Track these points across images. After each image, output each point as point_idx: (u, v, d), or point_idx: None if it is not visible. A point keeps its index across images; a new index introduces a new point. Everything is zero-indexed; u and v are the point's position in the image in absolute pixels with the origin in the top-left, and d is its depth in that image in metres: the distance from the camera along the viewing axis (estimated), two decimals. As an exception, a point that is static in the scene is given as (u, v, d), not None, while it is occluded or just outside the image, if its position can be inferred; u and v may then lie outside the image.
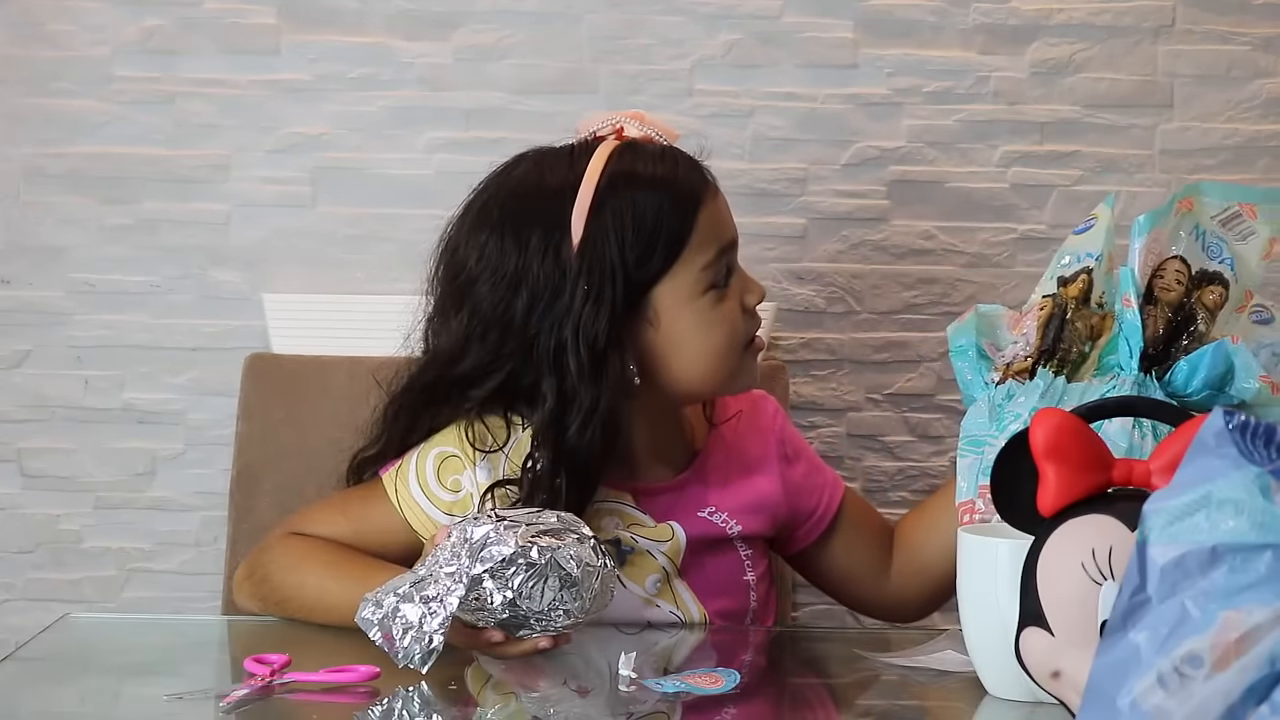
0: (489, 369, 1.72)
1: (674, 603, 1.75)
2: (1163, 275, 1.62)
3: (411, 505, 1.75)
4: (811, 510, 1.82)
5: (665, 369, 1.72)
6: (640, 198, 1.69)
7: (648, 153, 1.72)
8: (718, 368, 1.72)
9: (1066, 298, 1.62)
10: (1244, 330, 1.63)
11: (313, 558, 1.73)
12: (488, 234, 1.72)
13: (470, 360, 1.72)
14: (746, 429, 1.82)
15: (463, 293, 1.73)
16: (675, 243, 1.70)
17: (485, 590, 1.49)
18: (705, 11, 2.23)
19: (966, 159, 2.25)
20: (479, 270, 1.72)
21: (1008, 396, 1.60)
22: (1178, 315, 1.61)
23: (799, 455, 1.83)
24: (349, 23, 2.22)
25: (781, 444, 1.82)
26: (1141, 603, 0.96)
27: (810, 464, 1.84)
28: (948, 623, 1.86)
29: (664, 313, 1.71)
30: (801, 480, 1.82)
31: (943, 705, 1.46)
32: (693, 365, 1.72)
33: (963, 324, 1.67)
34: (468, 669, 1.58)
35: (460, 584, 1.48)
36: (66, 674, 1.52)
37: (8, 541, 2.25)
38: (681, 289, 1.70)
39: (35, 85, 2.21)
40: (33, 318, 2.23)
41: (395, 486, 1.76)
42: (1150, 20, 2.25)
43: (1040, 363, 1.60)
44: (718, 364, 1.72)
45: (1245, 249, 1.64)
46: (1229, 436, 0.97)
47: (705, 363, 1.72)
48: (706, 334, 1.71)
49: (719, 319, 1.71)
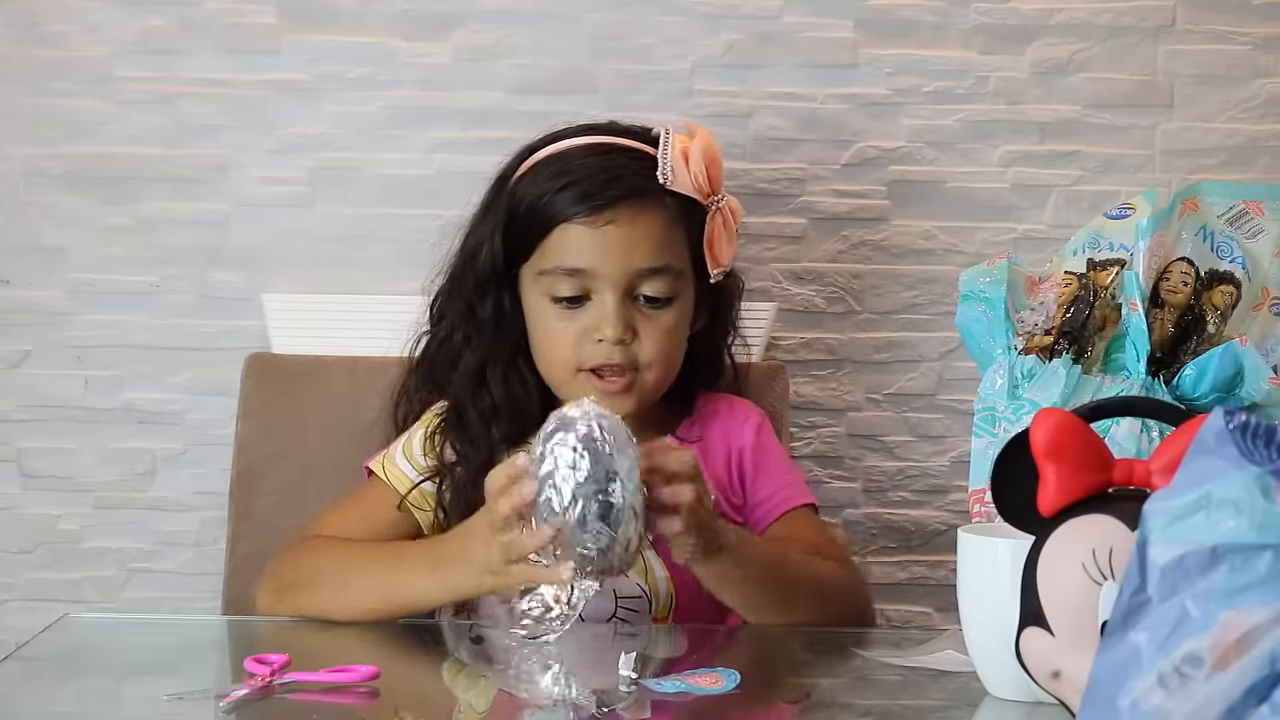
0: (452, 341, 1.88)
1: (643, 575, 1.78)
2: (1168, 278, 1.62)
3: (398, 476, 1.83)
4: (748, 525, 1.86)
5: (532, 349, 1.85)
6: (533, 183, 1.83)
7: (575, 164, 1.82)
8: (549, 373, 1.84)
9: (1097, 284, 1.61)
10: (1264, 325, 1.62)
11: (342, 552, 1.77)
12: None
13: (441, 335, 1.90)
14: (717, 435, 1.89)
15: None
16: (531, 236, 1.82)
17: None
18: (705, 11, 2.23)
19: (966, 159, 2.25)
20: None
21: (1027, 375, 1.59)
22: (1185, 317, 1.61)
23: (756, 472, 1.88)
24: (349, 23, 2.22)
25: (740, 461, 1.89)
26: (1142, 603, 0.96)
27: (769, 480, 1.88)
28: (948, 623, 1.86)
29: (524, 295, 1.84)
30: (749, 499, 1.87)
31: (943, 705, 1.46)
32: (538, 358, 1.85)
33: (992, 274, 1.64)
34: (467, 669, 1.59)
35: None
36: (66, 674, 1.52)
37: (8, 541, 2.25)
38: (529, 282, 1.83)
39: (35, 85, 2.21)
40: (33, 318, 2.23)
41: (384, 466, 1.85)
42: (1150, 20, 2.25)
43: (1060, 344, 1.59)
44: (548, 370, 1.84)
45: (1256, 246, 1.63)
46: (1229, 437, 0.97)
47: (541, 362, 1.84)
48: (541, 338, 1.83)
49: (553, 332, 1.82)
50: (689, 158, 1.81)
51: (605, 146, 1.84)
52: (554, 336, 1.82)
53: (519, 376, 1.85)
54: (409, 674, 1.58)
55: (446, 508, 1.81)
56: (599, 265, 1.80)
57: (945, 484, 2.27)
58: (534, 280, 1.83)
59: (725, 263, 1.85)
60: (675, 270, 1.82)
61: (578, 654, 1.59)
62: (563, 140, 1.86)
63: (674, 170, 1.80)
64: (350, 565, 1.73)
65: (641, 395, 1.82)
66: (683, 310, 1.84)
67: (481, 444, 1.82)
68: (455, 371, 1.87)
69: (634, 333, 1.81)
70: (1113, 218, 1.64)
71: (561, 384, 1.83)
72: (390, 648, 1.66)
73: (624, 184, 1.80)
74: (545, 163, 1.84)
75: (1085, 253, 1.64)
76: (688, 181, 1.81)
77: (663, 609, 1.78)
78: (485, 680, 1.57)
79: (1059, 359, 1.59)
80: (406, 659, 1.66)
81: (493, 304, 1.85)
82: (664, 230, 1.82)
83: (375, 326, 1.98)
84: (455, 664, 1.65)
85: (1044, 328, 1.61)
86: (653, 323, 1.82)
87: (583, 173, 1.81)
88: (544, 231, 1.81)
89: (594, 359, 1.80)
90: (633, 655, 1.45)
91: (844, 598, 1.78)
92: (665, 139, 1.83)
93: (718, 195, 1.84)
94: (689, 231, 1.83)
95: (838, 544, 1.90)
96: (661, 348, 1.82)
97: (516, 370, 1.85)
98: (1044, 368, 1.59)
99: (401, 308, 1.97)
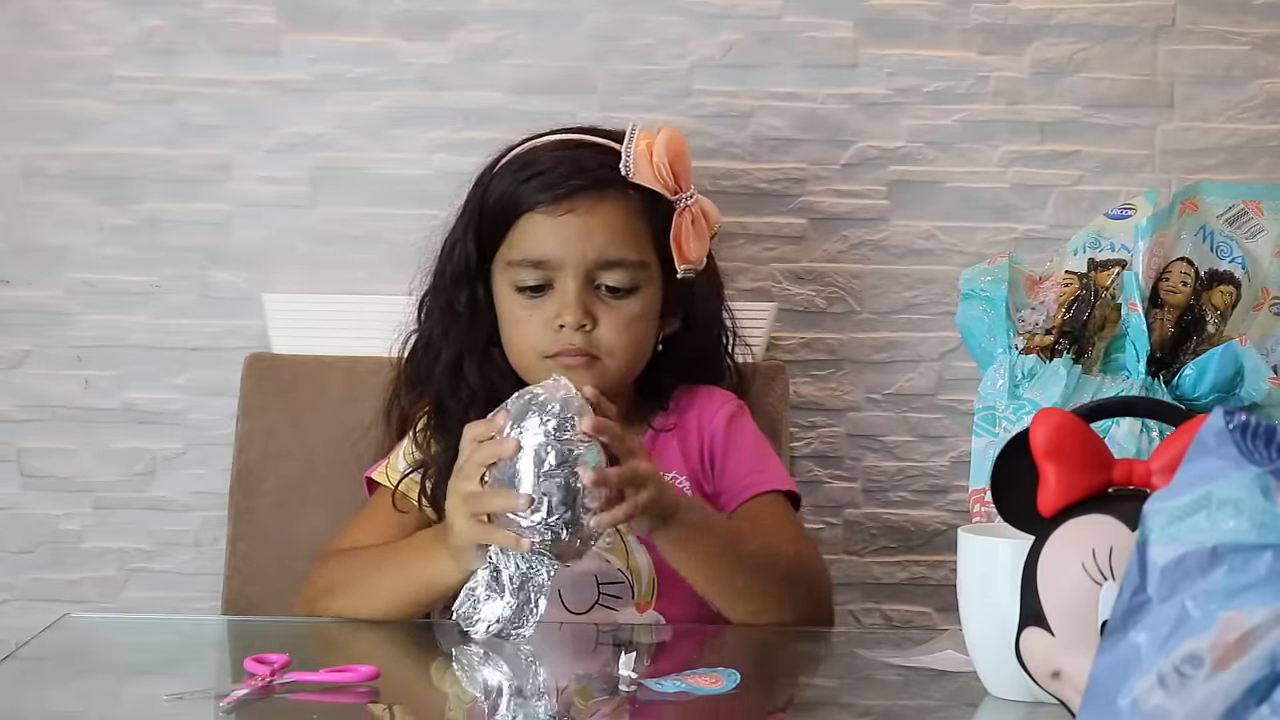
0: (434, 339, 1.91)
1: (624, 559, 1.79)
2: (1168, 278, 1.62)
3: (399, 476, 1.85)
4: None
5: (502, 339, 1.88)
6: (502, 178, 1.86)
7: (541, 156, 1.86)
8: (518, 362, 1.86)
9: (1098, 284, 1.61)
10: (1264, 325, 1.62)
11: (371, 554, 1.78)
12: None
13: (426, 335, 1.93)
14: (692, 423, 1.91)
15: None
16: (498, 228, 1.86)
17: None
18: (705, 11, 2.23)
19: (966, 159, 2.25)
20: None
21: (1028, 375, 1.59)
22: (1185, 317, 1.61)
23: (725, 458, 1.89)
24: (349, 23, 2.22)
25: (711, 447, 1.90)
26: (1142, 603, 0.96)
27: (736, 465, 1.89)
28: (948, 623, 1.86)
29: (495, 287, 1.87)
30: (716, 484, 1.88)
31: (943, 705, 1.46)
32: (507, 346, 1.87)
33: (993, 273, 1.64)
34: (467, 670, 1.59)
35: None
36: (66, 674, 1.52)
37: (8, 541, 2.25)
38: (499, 274, 1.87)
39: (35, 85, 2.21)
40: (33, 318, 2.23)
41: (387, 474, 1.87)
42: (1150, 20, 2.25)
43: (1060, 344, 1.59)
44: (516, 359, 1.86)
45: (1256, 246, 1.63)
46: (1229, 437, 0.97)
47: (510, 351, 1.87)
48: (508, 326, 1.86)
49: (519, 320, 1.84)
50: (652, 151, 1.83)
51: (572, 142, 1.88)
52: (520, 325, 1.85)
53: (495, 367, 1.88)
54: (409, 674, 1.58)
55: (430, 499, 1.82)
56: (559, 253, 1.82)
57: (945, 484, 2.27)
58: (502, 271, 1.86)
59: (694, 260, 1.86)
60: (635, 262, 1.84)
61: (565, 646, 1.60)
62: (536, 139, 1.90)
63: (636, 162, 1.83)
64: (381, 561, 1.75)
65: (603, 378, 1.82)
66: (646, 302, 1.86)
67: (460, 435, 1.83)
68: (437, 367, 1.90)
69: (594, 320, 1.83)
70: (1114, 218, 1.64)
71: (529, 371, 1.85)
72: (390, 648, 1.66)
73: (586, 175, 1.84)
74: (515, 159, 1.89)
75: (1086, 252, 1.64)
76: (649, 173, 1.83)
77: (645, 594, 1.78)
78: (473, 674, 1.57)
79: (1059, 359, 1.59)
80: (406, 659, 1.66)
81: (467, 297, 1.89)
82: (625, 221, 1.84)
83: (375, 326, 1.98)
84: (444, 660, 1.65)
85: (1044, 327, 1.61)
86: (614, 311, 1.84)
87: (548, 164, 1.85)
88: (510, 222, 1.85)
89: (555, 345, 1.83)
90: (633, 655, 1.45)
91: (802, 586, 1.77)
92: (630, 133, 1.86)
93: (686, 192, 1.85)
94: (654, 225, 1.85)
95: (803, 534, 1.89)
96: (622, 337, 1.84)
97: (492, 361, 1.88)
98: (1044, 367, 1.59)
99: (402, 308, 1.97)
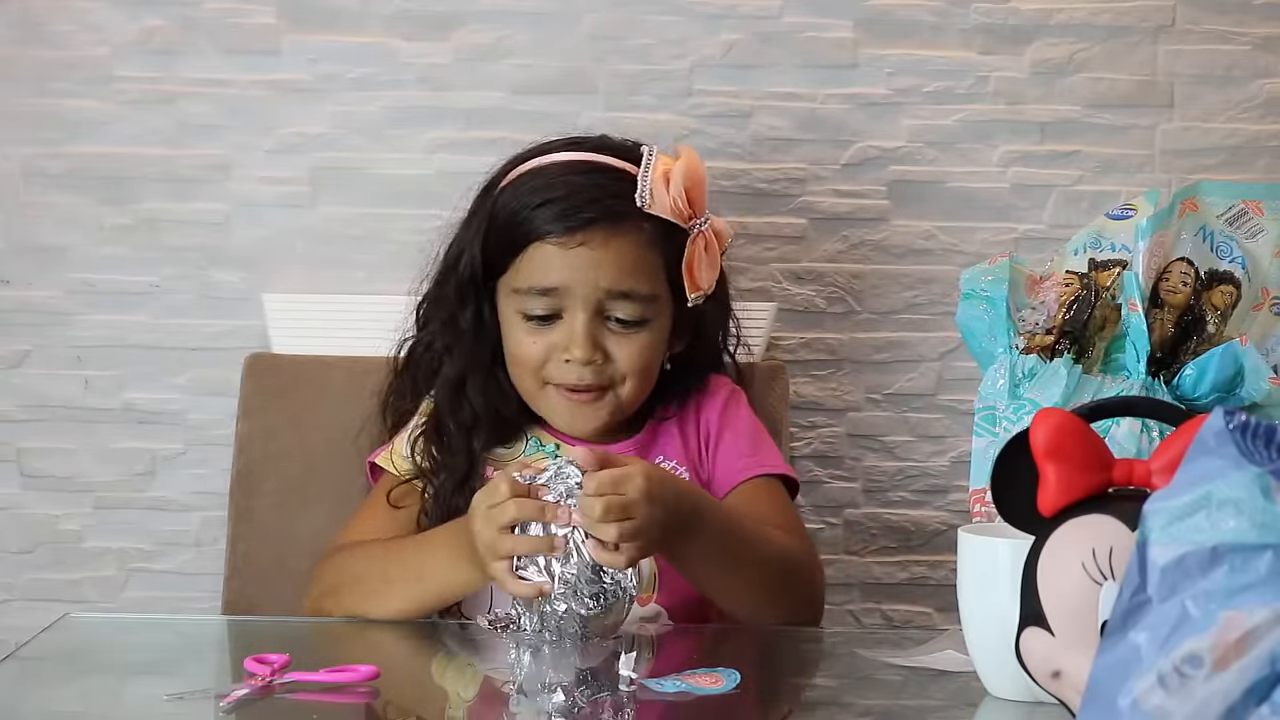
0: (434, 347, 1.90)
1: None
2: (1168, 278, 1.61)
3: (407, 469, 1.85)
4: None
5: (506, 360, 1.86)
6: (514, 196, 1.83)
7: (555, 180, 1.82)
8: (520, 386, 1.85)
9: (1099, 284, 1.61)
10: (1264, 325, 1.62)
11: (379, 552, 1.77)
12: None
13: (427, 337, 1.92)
14: (690, 412, 1.91)
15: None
16: (507, 251, 1.83)
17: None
18: (705, 11, 2.23)
19: (966, 159, 2.25)
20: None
21: (1028, 374, 1.59)
22: (1185, 317, 1.61)
23: (718, 443, 1.88)
24: (349, 23, 2.22)
25: (707, 434, 1.89)
26: (1142, 603, 0.96)
27: (729, 449, 1.88)
28: (948, 623, 1.86)
29: (500, 308, 1.85)
30: (710, 469, 1.88)
31: (943, 705, 1.46)
32: (512, 371, 1.85)
33: (993, 273, 1.64)
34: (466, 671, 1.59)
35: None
36: (66, 674, 1.52)
37: (8, 541, 2.25)
38: (505, 297, 1.84)
39: (35, 85, 2.21)
40: (33, 318, 2.23)
41: (391, 460, 1.86)
42: (1150, 20, 2.25)
43: (1061, 343, 1.59)
44: (519, 382, 1.85)
45: (1256, 246, 1.63)
46: (1229, 437, 0.97)
47: (513, 374, 1.85)
48: (512, 350, 1.84)
49: (523, 345, 1.82)
50: (670, 181, 1.80)
51: (586, 165, 1.84)
52: (524, 349, 1.83)
53: (498, 386, 1.86)
54: (409, 674, 1.58)
55: (427, 512, 1.81)
56: (569, 285, 1.80)
57: (945, 484, 2.27)
58: (508, 296, 1.84)
59: (705, 286, 1.85)
60: (647, 295, 1.82)
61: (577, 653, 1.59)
62: (548, 154, 1.86)
63: (653, 193, 1.80)
64: (389, 559, 1.73)
65: (615, 409, 1.84)
66: (656, 332, 1.84)
67: (462, 455, 1.83)
68: (437, 377, 1.89)
69: (604, 354, 1.81)
70: (1114, 218, 1.64)
71: (531, 396, 1.84)
72: (390, 648, 1.66)
73: (599, 206, 1.80)
74: (528, 175, 1.85)
75: (1087, 252, 1.64)
76: (666, 205, 1.80)
77: (646, 586, 1.78)
78: (473, 669, 1.57)
79: (1060, 359, 1.59)
80: (406, 659, 1.66)
81: (473, 314, 1.86)
82: (638, 254, 1.81)
83: (375, 326, 1.98)
84: (444, 660, 1.65)
85: (1045, 327, 1.61)
86: (625, 341, 1.82)
87: (561, 190, 1.81)
88: (519, 248, 1.82)
89: (565, 378, 1.82)
90: (633, 655, 1.45)
91: (793, 571, 1.76)
92: (647, 160, 1.83)
93: (700, 218, 1.83)
94: (666, 255, 1.83)
95: (797, 521, 1.88)
96: (635, 365, 1.83)
97: (495, 380, 1.86)
98: (1045, 367, 1.59)
99: (402, 308, 1.97)
